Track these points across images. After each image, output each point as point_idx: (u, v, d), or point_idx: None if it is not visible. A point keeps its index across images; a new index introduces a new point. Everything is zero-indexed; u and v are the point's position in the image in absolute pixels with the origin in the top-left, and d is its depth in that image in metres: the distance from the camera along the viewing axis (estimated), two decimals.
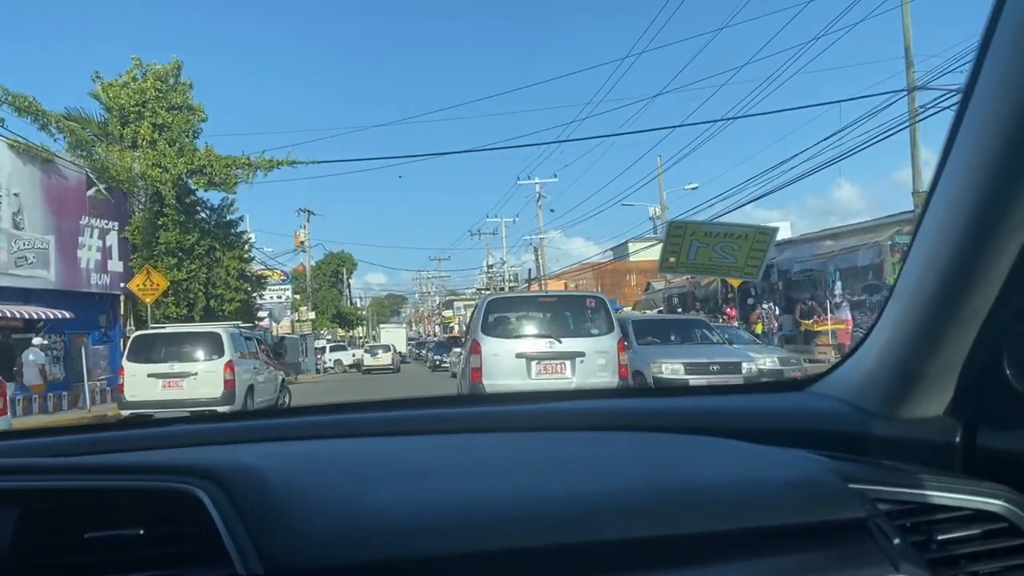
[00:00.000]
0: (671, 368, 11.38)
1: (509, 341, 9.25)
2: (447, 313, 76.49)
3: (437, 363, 35.44)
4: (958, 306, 1.03)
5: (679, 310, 29.38)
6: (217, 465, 0.91)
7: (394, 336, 54.81)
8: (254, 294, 25.68)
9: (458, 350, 13.00)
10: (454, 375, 16.38)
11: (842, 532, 0.90)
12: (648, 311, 30.10)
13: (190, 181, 22.86)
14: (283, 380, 16.45)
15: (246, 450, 1.13)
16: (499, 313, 9.68)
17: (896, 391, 1.15)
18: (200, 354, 12.91)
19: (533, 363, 9.07)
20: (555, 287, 37.62)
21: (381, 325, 67.26)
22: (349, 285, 62.35)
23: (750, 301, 25.29)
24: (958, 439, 1.11)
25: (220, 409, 11.90)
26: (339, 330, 57.57)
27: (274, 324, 36.53)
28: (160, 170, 21.64)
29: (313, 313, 43.08)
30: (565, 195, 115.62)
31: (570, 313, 9.69)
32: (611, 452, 1.13)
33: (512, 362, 9.01)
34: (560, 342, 9.11)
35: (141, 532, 0.87)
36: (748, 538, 0.88)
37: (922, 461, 1.09)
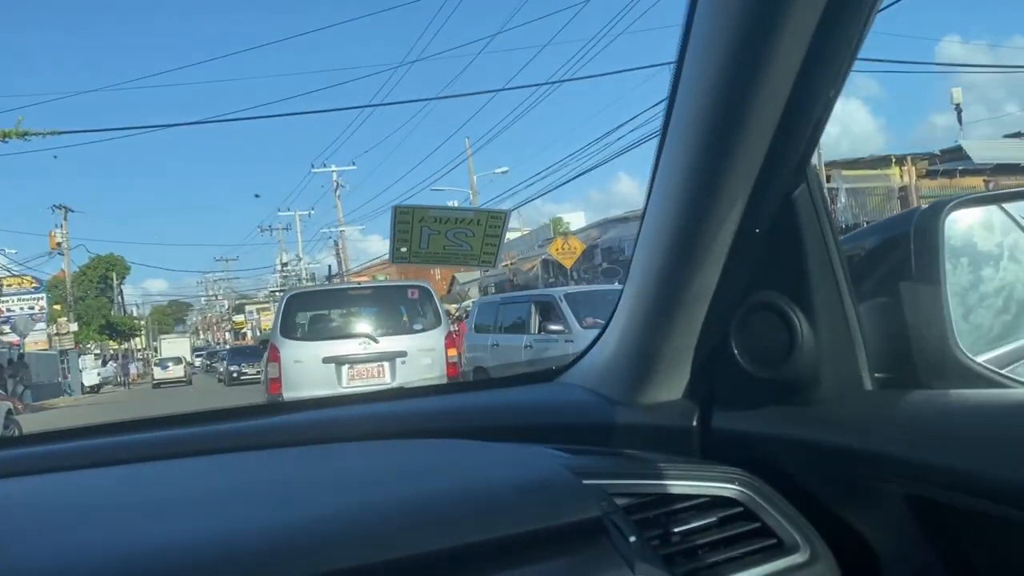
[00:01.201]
0: None
1: (315, 344, 8.17)
2: (238, 318, 72.39)
3: (235, 375, 29.45)
4: (683, 288, 1.07)
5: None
6: None
7: (178, 347, 51.33)
8: None
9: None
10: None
11: (577, 534, 0.87)
12: (453, 305, 29.60)
13: None
14: (9, 411, 12.86)
15: None
16: (302, 311, 8.58)
17: (635, 377, 1.18)
18: None
19: (344, 368, 8.07)
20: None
21: (162, 336, 62.76)
22: (121, 292, 57.26)
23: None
24: (695, 422, 1.13)
25: None
26: (111, 343, 52.76)
27: (21, 339, 31.55)
28: None
29: (75, 325, 38.50)
30: (367, 183, 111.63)
31: (389, 307, 8.75)
32: (334, 470, 1.06)
33: (319, 369, 7.94)
34: (377, 341, 8.18)
35: None
36: (477, 552, 0.82)
37: (663, 448, 1.11)
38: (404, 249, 1.32)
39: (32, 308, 36.35)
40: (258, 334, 60.61)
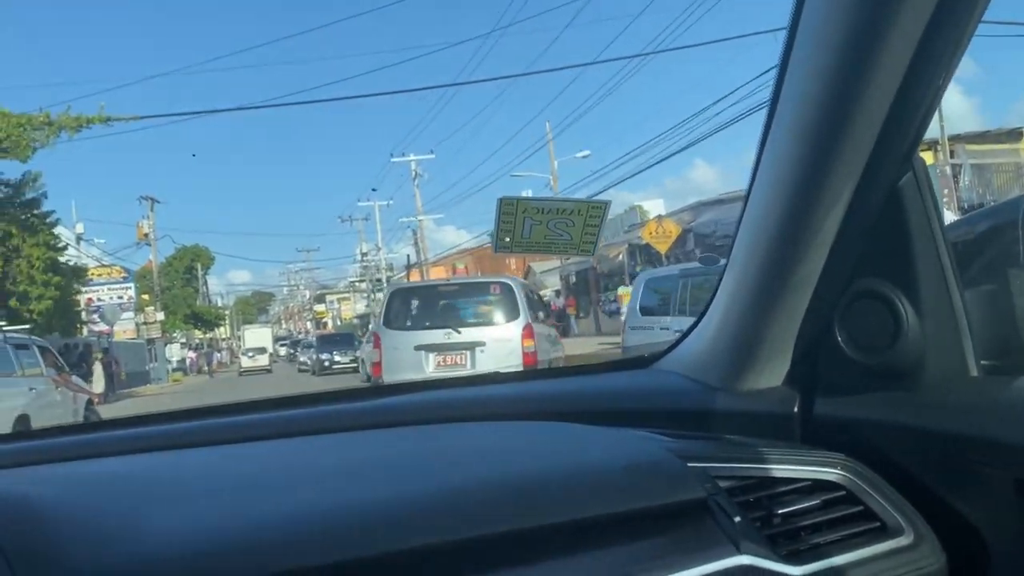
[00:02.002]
0: None
1: (408, 333, 9.47)
2: (319, 308, 74.68)
3: (326, 364, 28.62)
4: (787, 275, 1.10)
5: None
6: None
7: (260, 337, 53.40)
8: (74, 291, 22.14)
9: (370, 347, 11.66)
10: (369, 379, 14.43)
11: (682, 514, 0.92)
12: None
13: None
14: (88, 402, 13.02)
15: (13, 475, 1.05)
16: (400, 304, 9.94)
17: (735, 363, 1.22)
18: None
19: (432, 355, 9.21)
20: (437, 273, 36.76)
21: (245, 326, 65.36)
22: (206, 282, 59.81)
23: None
24: (796, 408, 1.17)
25: None
26: (197, 332, 55.22)
27: (110, 328, 33.00)
28: None
29: (162, 314, 40.47)
30: (445, 171, 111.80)
31: (473, 300, 9.90)
32: (439, 448, 1.12)
33: (410, 355, 9.16)
34: (459, 332, 9.25)
35: None
36: (585, 529, 0.88)
37: (763, 433, 1.15)
38: (507, 239, 1.39)
39: (120, 298, 38.38)
40: (339, 323, 62.27)
